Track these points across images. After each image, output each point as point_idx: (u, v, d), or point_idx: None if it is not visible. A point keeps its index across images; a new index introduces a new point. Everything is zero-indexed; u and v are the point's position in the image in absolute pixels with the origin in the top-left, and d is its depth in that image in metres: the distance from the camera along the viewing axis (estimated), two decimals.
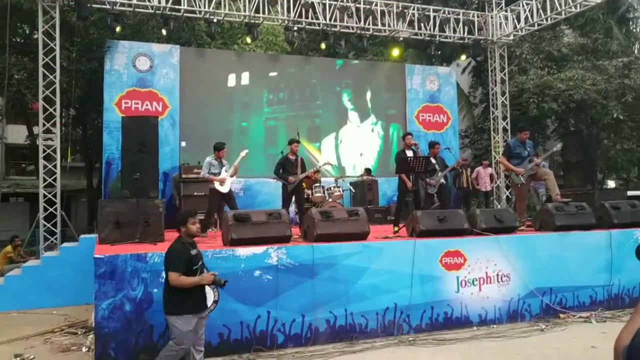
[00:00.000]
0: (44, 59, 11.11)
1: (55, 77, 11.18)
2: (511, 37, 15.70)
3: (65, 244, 10.07)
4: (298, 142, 9.53)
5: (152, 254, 5.62)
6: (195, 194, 11.13)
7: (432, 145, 9.44)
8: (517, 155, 8.82)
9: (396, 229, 8.43)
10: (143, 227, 7.13)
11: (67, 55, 12.08)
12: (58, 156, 11.31)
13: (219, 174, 8.79)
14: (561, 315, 7.26)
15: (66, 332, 7.18)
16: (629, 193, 14.50)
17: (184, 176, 11.53)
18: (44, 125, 11.23)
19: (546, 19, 14.22)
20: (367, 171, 13.50)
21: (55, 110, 11.29)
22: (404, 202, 9.04)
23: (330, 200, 11.37)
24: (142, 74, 12.47)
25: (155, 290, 5.53)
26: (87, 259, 6.63)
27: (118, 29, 12.03)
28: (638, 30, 25.44)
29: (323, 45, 14.22)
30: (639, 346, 1.48)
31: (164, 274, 4.90)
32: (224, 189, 8.80)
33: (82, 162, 19.57)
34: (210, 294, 5.64)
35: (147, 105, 12.42)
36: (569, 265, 7.49)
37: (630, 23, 24.96)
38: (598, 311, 7.46)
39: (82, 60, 12.39)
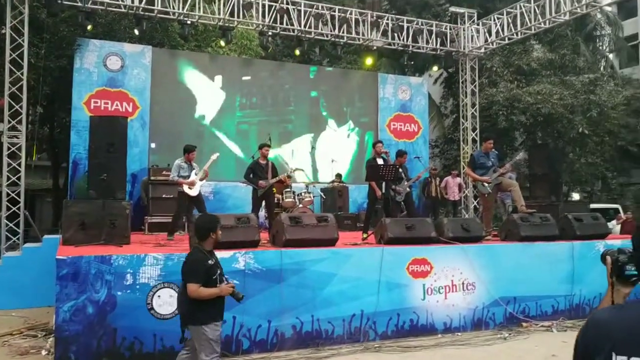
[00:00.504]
0: (11, 55, 10.85)
1: (22, 74, 10.93)
2: (482, 50, 16.00)
3: (27, 244, 9.83)
4: (269, 146, 9.52)
5: (117, 256, 5.53)
6: (163, 196, 11.01)
7: (401, 154, 9.53)
8: (481, 166, 8.88)
9: (365, 235, 8.47)
10: (109, 229, 7.00)
11: (35, 52, 11.82)
12: (23, 154, 11.04)
13: (189, 177, 8.72)
14: (524, 324, 7.39)
15: (25, 335, 7.00)
16: (592, 206, 14.89)
17: (152, 178, 11.40)
18: (9, 122, 10.95)
19: (516, 34, 14.54)
20: (338, 177, 13.55)
21: (21, 107, 11.02)
22: (374, 209, 9.10)
23: (300, 205, 11.36)
24: (112, 73, 12.29)
25: (119, 293, 5.45)
26: (50, 260, 6.47)
27: (89, 27, 11.84)
28: (604, 47, 26.22)
29: (297, 52, 14.25)
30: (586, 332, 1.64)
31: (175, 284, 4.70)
32: (193, 192, 8.73)
33: (49, 161, 19.14)
34: (175, 298, 5.59)
35: (117, 105, 12.23)
36: (533, 275, 7.64)
37: (597, 40, 25.71)
38: (559, 320, 7.61)
39: (51, 58, 12.13)
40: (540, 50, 21.59)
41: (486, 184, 8.73)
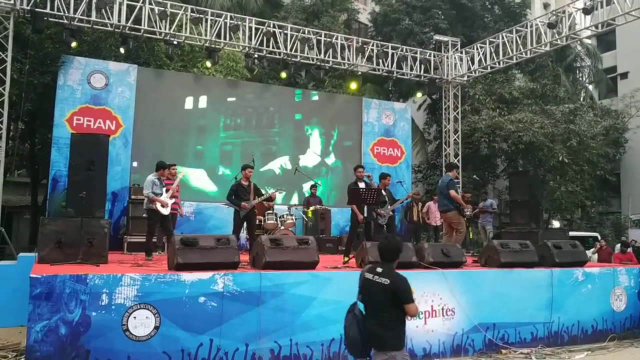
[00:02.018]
0: None
1: (4, 89, 10.85)
2: (465, 78, 16.26)
3: (2, 262, 9.62)
4: (252, 167, 9.50)
5: (93, 276, 5.43)
6: (144, 215, 10.86)
7: (384, 176, 9.59)
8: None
9: (346, 259, 8.45)
10: (86, 248, 6.89)
11: (19, 68, 11.75)
12: (1, 170, 10.89)
13: (161, 194, 8.69)
14: (503, 351, 7.38)
15: None
16: (572, 233, 15.04)
17: (133, 197, 11.29)
18: None
19: (498, 63, 14.82)
20: (314, 187, 13.41)
21: (2, 123, 10.91)
22: (356, 232, 9.10)
23: (282, 227, 11.33)
24: (96, 91, 12.23)
25: (93, 313, 5.33)
26: (24, 278, 6.31)
27: (74, 44, 11.82)
28: (584, 79, 26.86)
29: (283, 74, 14.33)
30: None
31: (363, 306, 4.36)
32: (165, 212, 8.70)
33: (28, 177, 18.88)
34: (151, 319, 5.50)
35: (99, 123, 12.15)
36: (512, 301, 7.65)
37: (577, 72, 26.35)
38: (538, 348, 7.61)
39: (34, 74, 12.05)
40: (522, 80, 22.06)
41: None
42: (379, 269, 4.35)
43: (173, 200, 8.97)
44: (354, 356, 4.45)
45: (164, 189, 8.80)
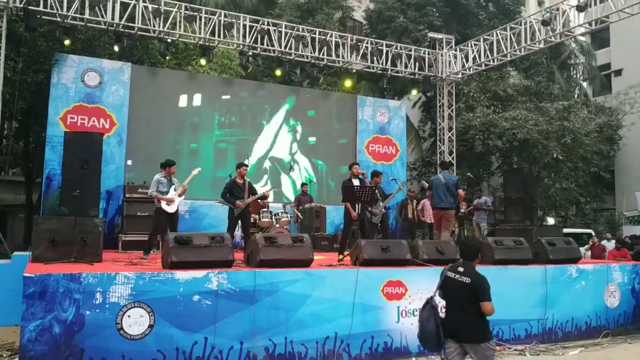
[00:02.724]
0: None
1: None
2: (459, 76, 16.28)
3: None
4: (246, 166, 9.49)
5: (87, 275, 5.42)
6: (138, 214, 10.88)
7: (376, 174, 9.59)
8: None
9: (341, 257, 8.45)
10: (80, 246, 6.87)
11: (12, 66, 11.69)
12: None
13: (167, 192, 8.63)
14: (497, 348, 7.38)
15: None
16: (566, 230, 15.09)
17: (127, 195, 11.26)
18: None
19: (493, 60, 14.83)
20: (304, 185, 13.42)
21: None
22: (350, 230, 9.11)
23: (277, 225, 11.34)
24: (90, 89, 12.19)
25: (87, 312, 5.33)
26: (18, 277, 6.28)
27: (67, 42, 11.78)
28: (578, 76, 26.93)
29: (278, 72, 14.30)
30: None
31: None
32: (171, 209, 8.63)
33: (23, 176, 18.82)
34: (145, 318, 5.50)
35: (93, 121, 12.11)
36: (506, 298, 7.66)
37: (571, 69, 26.42)
38: (533, 344, 7.65)
39: (28, 72, 11.99)
40: (516, 77, 22.09)
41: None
42: (461, 268, 4.66)
43: (182, 197, 8.87)
44: (429, 349, 4.79)
45: (172, 187, 8.73)
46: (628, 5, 11.49)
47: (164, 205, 8.56)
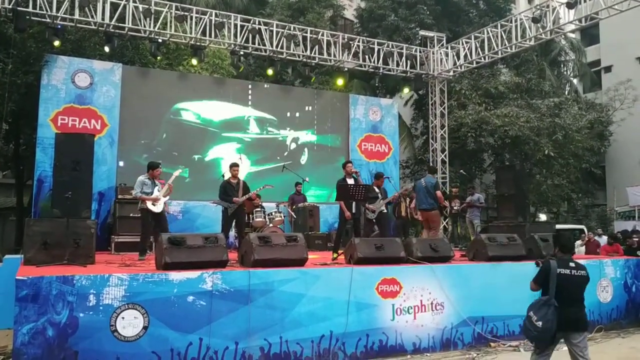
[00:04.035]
0: None
1: None
2: (451, 73, 16.31)
3: None
4: (238, 166, 9.47)
5: (80, 277, 5.38)
6: (131, 215, 10.80)
7: (378, 176, 9.73)
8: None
9: (335, 255, 8.45)
10: (72, 249, 6.83)
11: (1, 67, 11.59)
12: None
13: (151, 193, 8.60)
14: (492, 344, 7.43)
15: None
16: (558, 226, 15.18)
17: (120, 197, 11.21)
18: None
19: (484, 58, 14.89)
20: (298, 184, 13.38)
21: None
22: (344, 229, 9.11)
23: (271, 225, 11.32)
24: (81, 90, 12.11)
25: (81, 314, 5.29)
26: (10, 280, 6.24)
27: (57, 43, 11.68)
28: (568, 72, 27.07)
29: (270, 72, 14.23)
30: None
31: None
32: (156, 209, 8.59)
33: (13, 178, 18.67)
34: (139, 319, 5.47)
35: (85, 122, 12.03)
36: (500, 294, 7.71)
37: (562, 66, 26.56)
38: (527, 340, 7.66)
39: (17, 73, 11.89)
40: (508, 74, 22.17)
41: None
42: (572, 264, 4.84)
43: (167, 198, 8.84)
44: (544, 345, 4.86)
45: (156, 188, 8.69)
46: (617, 2, 11.56)
47: (149, 205, 8.53)
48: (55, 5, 11.53)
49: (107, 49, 12.39)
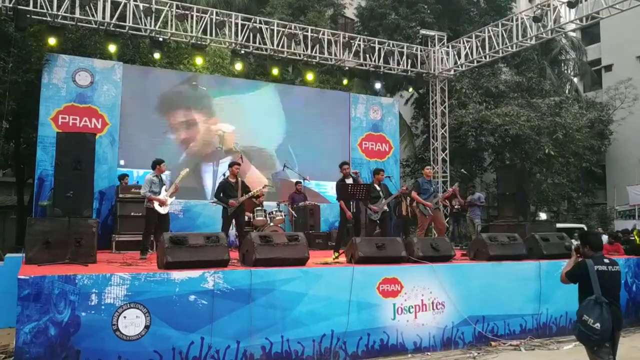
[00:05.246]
0: None
1: None
2: (452, 72, 16.31)
3: None
4: (239, 164, 9.46)
5: (82, 276, 5.39)
6: (132, 214, 10.81)
7: (377, 171, 9.61)
8: (425, 191, 10.05)
9: (336, 254, 8.46)
10: (74, 248, 6.84)
11: (2, 66, 11.59)
12: None
13: (159, 192, 8.60)
14: (492, 343, 7.44)
15: None
16: (558, 225, 15.18)
17: (120, 196, 11.20)
18: None
19: (485, 57, 14.88)
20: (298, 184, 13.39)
21: None
22: (345, 228, 9.11)
23: (271, 224, 11.32)
24: (82, 89, 12.10)
25: (83, 313, 5.30)
26: (12, 279, 6.27)
27: (53, 42, 11.67)
28: (569, 71, 27.06)
29: (275, 71, 14.20)
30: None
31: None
32: (163, 211, 8.60)
33: (13, 177, 18.67)
34: (141, 319, 5.48)
35: (85, 121, 12.03)
36: (501, 294, 7.72)
37: (562, 65, 26.55)
38: (527, 339, 7.68)
39: (18, 72, 11.88)
40: (508, 73, 22.18)
41: (428, 208, 9.89)
42: (606, 260, 4.70)
43: (173, 198, 8.85)
44: (600, 346, 4.54)
45: (163, 188, 8.70)
46: (618, 2, 11.56)
47: (156, 205, 8.53)
48: (56, 3, 11.52)
49: (113, 48, 12.38)
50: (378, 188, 9.27)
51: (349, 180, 8.84)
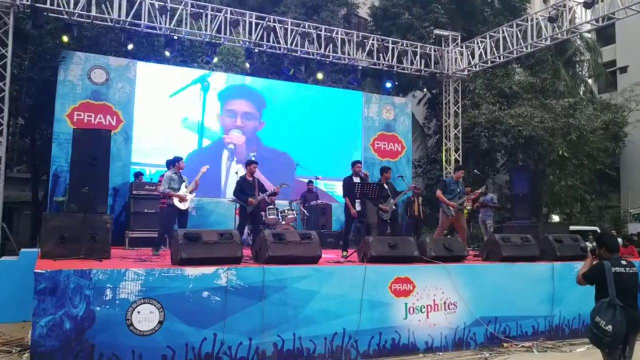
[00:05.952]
0: None
1: (4, 85, 10.83)
2: (465, 72, 16.24)
3: (4, 258, 9.63)
4: (256, 163, 9.51)
5: (97, 271, 5.44)
6: (145, 211, 10.91)
7: (385, 170, 9.59)
8: (451, 192, 9.90)
9: (345, 253, 8.45)
10: (89, 243, 6.90)
11: (18, 63, 11.72)
12: (3, 166, 10.88)
13: (178, 189, 8.67)
14: (505, 345, 7.40)
15: None
16: (572, 227, 15.07)
17: (134, 192, 11.29)
18: None
19: (499, 57, 14.81)
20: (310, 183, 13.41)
21: (2, 118, 10.91)
22: (350, 226, 9.12)
23: (283, 222, 11.35)
24: (97, 86, 12.22)
25: (98, 308, 5.34)
26: (27, 273, 6.36)
27: (65, 39, 11.81)
28: (583, 73, 26.81)
29: (292, 71, 14.25)
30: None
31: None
32: (183, 206, 8.68)
33: (28, 173, 18.86)
34: (155, 314, 5.52)
35: (100, 118, 12.16)
36: (514, 295, 7.67)
37: (577, 66, 26.30)
38: (540, 341, 7.63)
39: (34, 69, 12.03)
40: (522, 74, 22.02)
41: (451, 208, 9.73)
42: (623, 262, 4.69)
43: (193, 194, 8.94)
44: (612, 348, 4.54)
45: (183, 184, 8.78)
46: (635, 2, 11.44)
47: (176, 202, 8.60)
48: (73, 1, 11.64)
49: (130, 47, 12.52)
50: (386, 187, 9.27)
51: (357, 179, 8.85)
